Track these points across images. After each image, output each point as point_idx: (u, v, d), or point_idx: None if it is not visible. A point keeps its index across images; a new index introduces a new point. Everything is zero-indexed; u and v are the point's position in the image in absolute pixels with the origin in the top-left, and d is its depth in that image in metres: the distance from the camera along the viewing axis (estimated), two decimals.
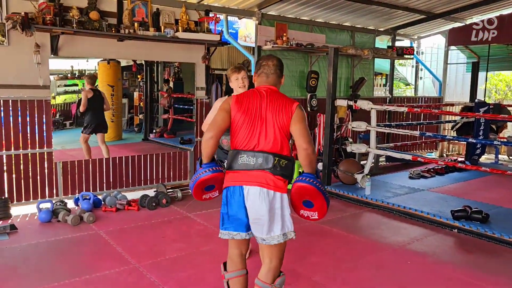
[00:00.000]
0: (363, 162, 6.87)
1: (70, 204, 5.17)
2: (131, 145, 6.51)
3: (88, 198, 5.15)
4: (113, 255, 3.90)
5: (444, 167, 7.33)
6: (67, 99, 5.87)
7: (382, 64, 10.48)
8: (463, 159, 8.00)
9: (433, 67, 12.91)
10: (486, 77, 10.04)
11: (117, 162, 5.73)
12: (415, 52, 9.10)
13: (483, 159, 8.54)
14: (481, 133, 7.40)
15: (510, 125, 9.58)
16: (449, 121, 8.73)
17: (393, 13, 7.91)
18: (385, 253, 4.12)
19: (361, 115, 7.09)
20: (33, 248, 4.04)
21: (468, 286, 3.48)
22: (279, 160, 2.47)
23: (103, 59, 5.83)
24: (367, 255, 4.03)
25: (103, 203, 5.27)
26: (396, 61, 10.71)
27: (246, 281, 2.70)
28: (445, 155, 9.70)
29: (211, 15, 5.88)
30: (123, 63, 6.17)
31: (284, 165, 2.48)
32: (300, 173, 2.55)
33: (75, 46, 5.14)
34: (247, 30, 9.89)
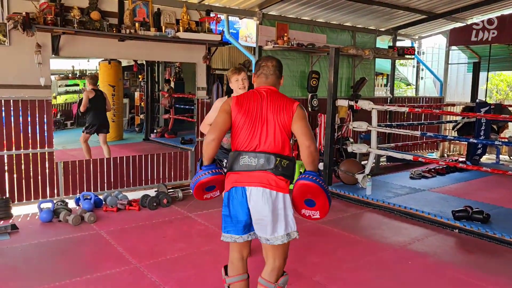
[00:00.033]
0: (364, 162, 6.88)
1: (71, 204, 5.17)
2: (132, 145, 6.51)
3: (89, 198, 5.16)
4: (114, 255, 3.91)
5: (445, 167, 7.33)
6: (68, 99, 5.87)
7: (383, 64, 10.48)
8: (464, 159, 7.99)
9: (434, 67, 12.92)
10: (487, 77, 10.03)
11: (118, 162, 5.74)
12: (416, 52, 9.08)
13: (484, 159, 8.52)
14: (482, 133, 7.40)
15: (511, 125, 9.57)
16: (450, 121, 8.73)
17: (394, 13, 7.90)
18: (386, 253, 4.12)
19: (362, 115, 7.09)
20: (34, 248, 4.05)
21: (469, 286, 3.48)
22: (281, 160, 2.47)
23: (104, 59, 5.84)
24: (368, 255, 4.03)
25: (104, 203, 5.28)
26: (397, 61, 10.73)
27: (247, 286, 2.69)
28: (446, 155, 9.69)
29: (212, 15, 5.89)
30: (124, 63, 6.17)
31: (285, 165, 2.48)
32: (301, 173, 2.55)
33: (76, 46, 5.15)
34: (248, 30, 9.88)
